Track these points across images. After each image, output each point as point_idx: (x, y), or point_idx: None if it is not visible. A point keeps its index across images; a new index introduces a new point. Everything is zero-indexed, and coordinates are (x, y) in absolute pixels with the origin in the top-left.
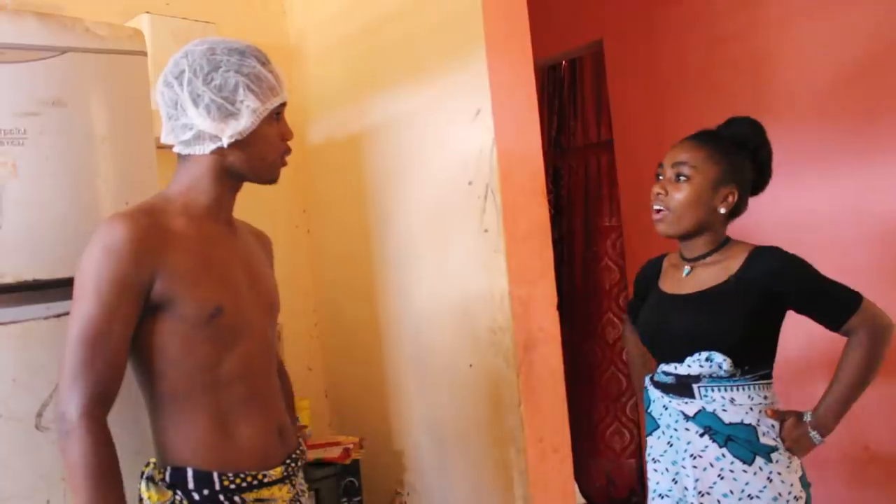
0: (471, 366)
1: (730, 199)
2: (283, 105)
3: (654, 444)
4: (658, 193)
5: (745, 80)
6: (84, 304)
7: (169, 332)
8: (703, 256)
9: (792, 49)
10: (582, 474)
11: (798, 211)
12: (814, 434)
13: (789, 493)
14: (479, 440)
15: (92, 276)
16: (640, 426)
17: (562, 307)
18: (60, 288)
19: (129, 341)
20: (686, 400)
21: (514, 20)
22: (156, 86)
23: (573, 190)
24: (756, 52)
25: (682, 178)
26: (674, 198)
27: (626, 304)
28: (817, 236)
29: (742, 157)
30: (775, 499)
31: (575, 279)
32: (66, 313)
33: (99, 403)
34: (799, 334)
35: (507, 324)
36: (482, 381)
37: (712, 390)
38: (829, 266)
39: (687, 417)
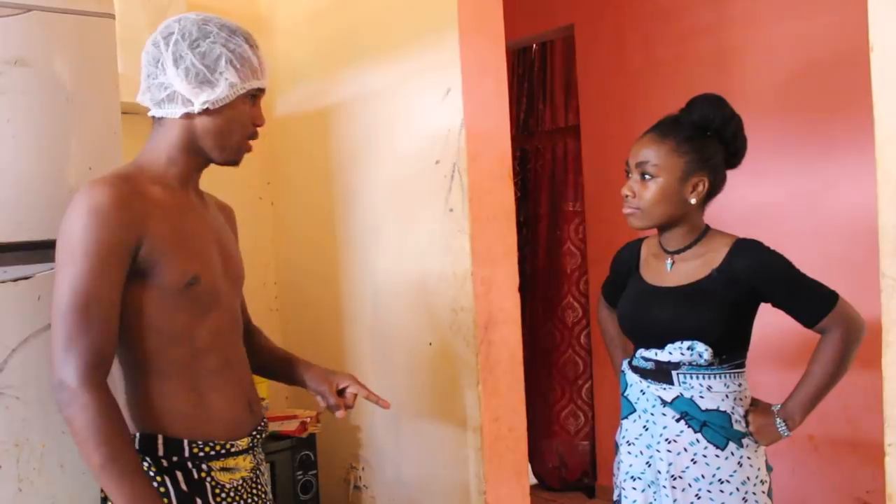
0: (430, 344)
1: (700, 187)
2: (262, 91)
3: (630, 428)
4: (626, 195)
5: (710, 74)
6: (72, 269)
7: (146, 300)
8: (685, 249)
9: (756, 47)
10: (535, 455)
11: (756, 203)
12: (781, 426)
13: (756, 476)
14: (436, 418)
15: (79, 240)
16: (594, 409)
17: (523, 289)
18: (18, 252)
19: (119, 305)
20: (664, 386)
21: (487, 1)
22: (144, 47)
23: (539, 173)
24: (722, 47)
25: (647, 176)
26: (643, 197)
27: (585, 288)
28: (774, 229)
29: (707, 139)
30: (744, 482)
31: (537, 262)
32: (24, 277)
33: (97, 368)
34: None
35: (468, 304)
36: (441, 359)
37: (691, 377)
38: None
39: (664, 403)
